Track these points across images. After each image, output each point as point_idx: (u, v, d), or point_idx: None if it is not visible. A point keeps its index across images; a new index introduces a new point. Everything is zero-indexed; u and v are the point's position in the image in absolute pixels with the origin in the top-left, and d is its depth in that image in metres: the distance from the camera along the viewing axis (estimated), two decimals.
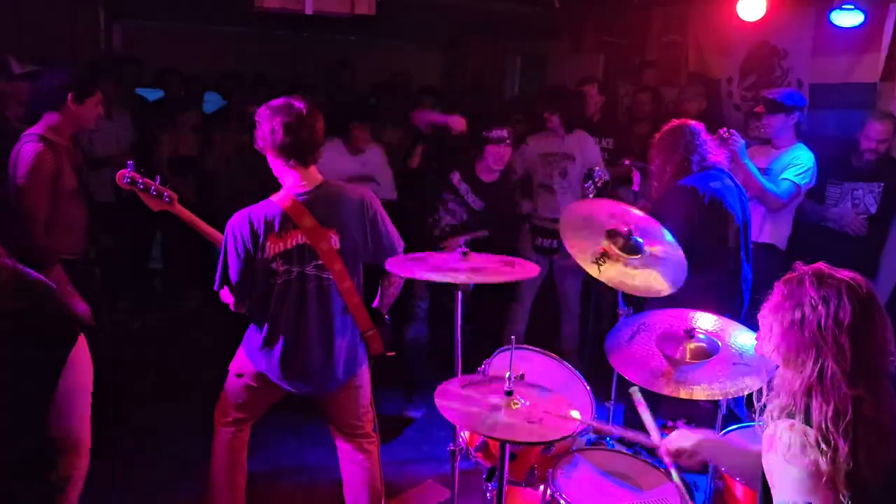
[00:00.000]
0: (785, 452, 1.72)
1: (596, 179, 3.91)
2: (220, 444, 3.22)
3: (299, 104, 2.88)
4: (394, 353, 3.23)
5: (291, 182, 2.95)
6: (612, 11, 7.12)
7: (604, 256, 3.19)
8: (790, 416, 1.78)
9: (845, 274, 1.79)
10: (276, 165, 2.95)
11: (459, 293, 2.83)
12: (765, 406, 1.88)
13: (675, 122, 3.84)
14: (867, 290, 1.77)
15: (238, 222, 2.88)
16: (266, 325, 3.01)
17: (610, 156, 5.51)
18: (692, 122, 3.81)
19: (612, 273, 3.21)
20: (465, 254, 2.85)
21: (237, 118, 6.06)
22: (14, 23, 5.57)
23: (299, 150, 2.88)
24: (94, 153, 5.47)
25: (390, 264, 2.86)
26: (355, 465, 3.27)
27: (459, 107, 6.30)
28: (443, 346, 4.49)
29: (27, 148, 3.38)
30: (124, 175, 3.12)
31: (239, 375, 3.15)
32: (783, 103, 4.42)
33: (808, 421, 1.74)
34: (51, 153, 3.41)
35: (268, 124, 2.87)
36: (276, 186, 2.99)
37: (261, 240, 2.87)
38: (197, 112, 6.20)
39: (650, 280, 3.19)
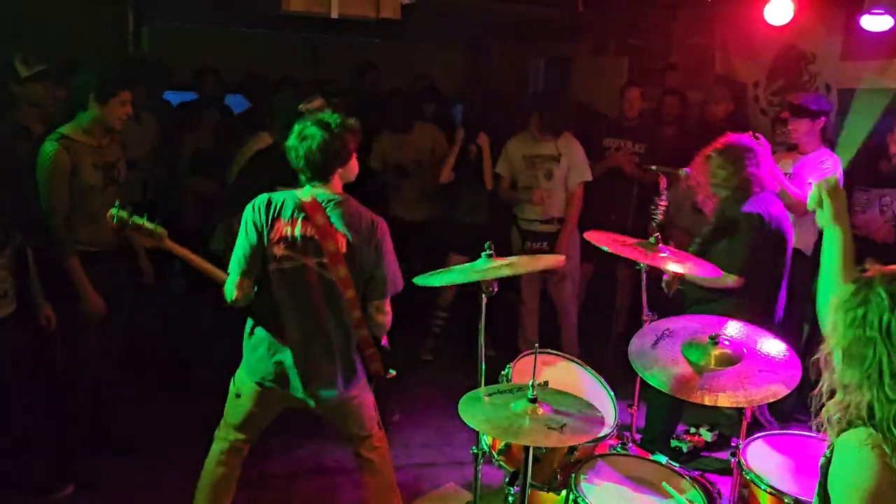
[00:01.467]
0: (847, 473, 1.68)
1: (660, 204, 3.78)
2: (211, 458, 3.22)
3: (317, 126, 2.94)
4: (395, 374, 3.22)
5: (312, 189, 3.02)
6: (637, 14, 7.09)
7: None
8: (851, 423, 1.72)
9: None
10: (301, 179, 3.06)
11: (484, 297, 2.85)
12: (821, 408, 1.83)
13: (731, 136, 3.74)
14: None
15: (260, 200, 2.99)
16: (270, 325, 3.01)
17: (640, 160, 5.50)
18: (748, 139, 3.73)
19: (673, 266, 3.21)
20: (488, 256, 2.86)
21: (262, 119, 6.09)
22: (42, 25, 5.64)
23: (315, 169, 2.96)
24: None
25: None
26: (366, 462, 3.27)
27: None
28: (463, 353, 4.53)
29: (45, 147, 3.57)
30: (112, 216, 3.16)
31: (238, 395, 3.14)
32: (809, 108, 4.38)
33: (870, 420, 1.69)
34: (66, 151, 3.56)
35: (293, 142, 2.97)
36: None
37: (271, 220, 2.94)
38: (217, 111, 6.23)
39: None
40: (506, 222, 5.45)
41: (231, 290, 2.96)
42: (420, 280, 2.90)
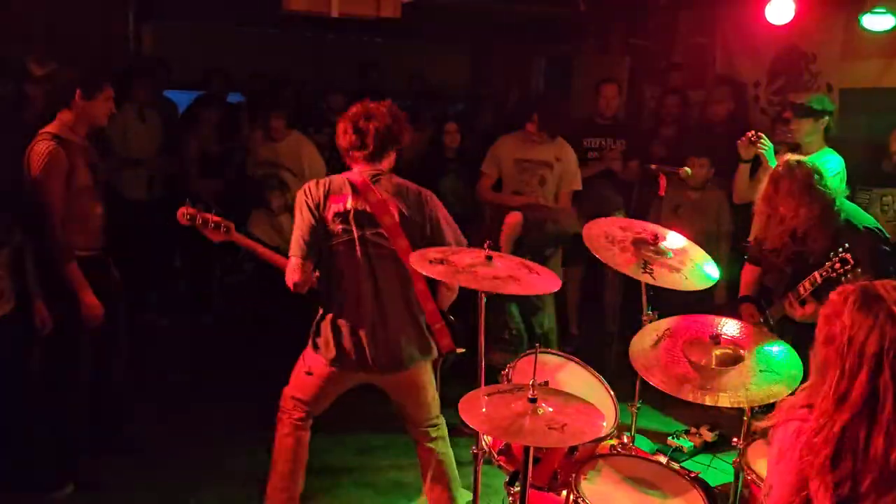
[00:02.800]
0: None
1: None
2: (282, 437, 3.27)
3: (367, 107, 3.09)
4: (464, 350, 3.27)
5: (359, 168, 3.13)
6: (639, 13, 7.09)
7: (647, 264, 3.06)
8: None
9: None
10: (348, 160, 3.17)
11: (482, 295, 2.84)
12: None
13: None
14: None
15: (310, 184, 3.10)
16: (336, 301, 3.09)
17: (622, 157, 5.48)
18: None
19: (666, 277, 3.11)
20: (489, 258, 2.84)
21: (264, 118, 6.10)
22: (43, 24, 5.64)
23: (364, 148, 3.08)
24: (129, 154, 5.57)
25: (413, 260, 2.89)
26: (426, 449, 3.37)
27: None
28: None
29: (39, 147, 3.44)
30: (184, 213, 3.25)
31: (309, 373, 3.19)
32: (811, 108, 4.37)
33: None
34: (63, 151, 3.46)
35: (341, 125, 3.12)
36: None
37: (325, 200, 3.05)
38: (219, 112, 6.23)
39: (697, 272, 3.16)
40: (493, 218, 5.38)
41: (293, 273, 3.02)
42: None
